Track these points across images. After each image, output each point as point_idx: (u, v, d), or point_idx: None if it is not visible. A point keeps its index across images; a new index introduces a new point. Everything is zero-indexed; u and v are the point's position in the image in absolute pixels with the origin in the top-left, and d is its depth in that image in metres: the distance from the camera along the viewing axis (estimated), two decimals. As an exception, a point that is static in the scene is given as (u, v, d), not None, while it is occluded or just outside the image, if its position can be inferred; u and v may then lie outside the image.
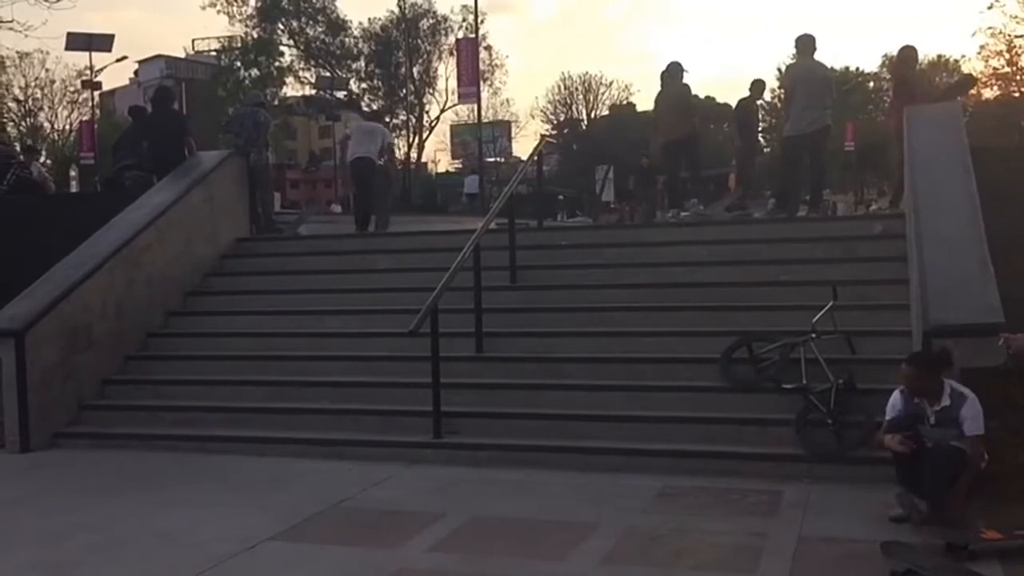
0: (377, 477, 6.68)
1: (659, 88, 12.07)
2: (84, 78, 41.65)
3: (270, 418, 7.90)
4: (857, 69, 61.10)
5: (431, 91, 60.22)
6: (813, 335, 6.84)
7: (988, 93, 38.43)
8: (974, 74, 24.83)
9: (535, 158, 10.77)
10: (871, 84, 59.38)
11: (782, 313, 7.59)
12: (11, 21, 22.15)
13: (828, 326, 6.92)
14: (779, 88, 51.81)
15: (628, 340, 7.95)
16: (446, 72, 57.69)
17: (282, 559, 5.17)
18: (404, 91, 59.41)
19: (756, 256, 8.73)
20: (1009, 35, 35.54)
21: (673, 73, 11.83)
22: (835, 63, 50.28)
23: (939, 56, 59.06)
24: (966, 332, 5.69)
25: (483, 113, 47.08)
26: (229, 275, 10.42)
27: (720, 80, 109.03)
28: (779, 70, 53.38)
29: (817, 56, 10.95)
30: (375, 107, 59.44)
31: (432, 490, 6.40)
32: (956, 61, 56.01)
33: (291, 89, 61.67)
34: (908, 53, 11.15)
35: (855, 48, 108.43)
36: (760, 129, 16.16)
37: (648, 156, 21.20)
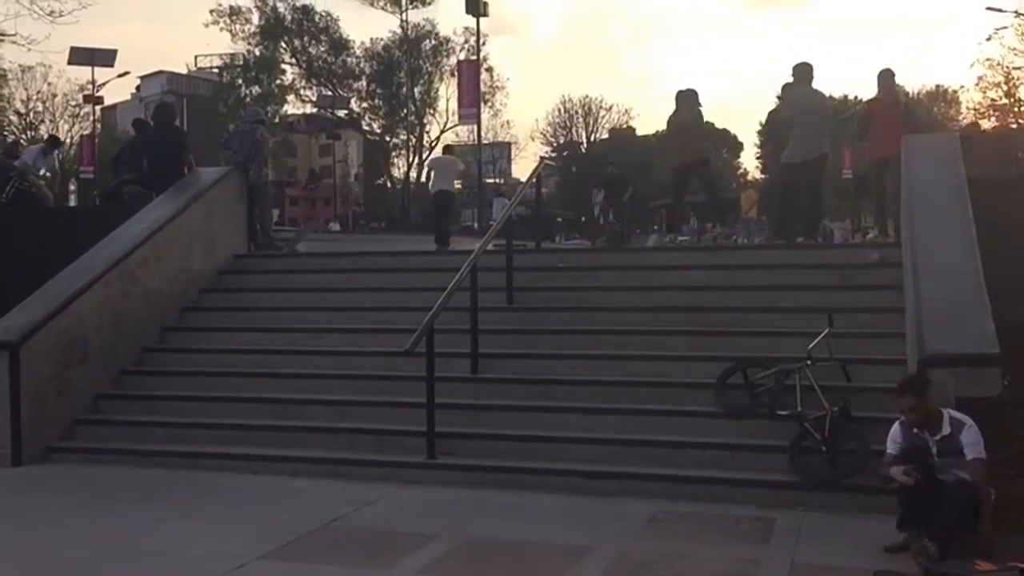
0: (370, 497, 6.66)
1: (673, 110, 11.99)
2: (86, 92, 41.85)
3: (264, 436, 7.88)
4: (855, 98, 61.43)
5: (432, 112, 60.56)
6: (808, 362, 6.83)
7: (986, 124, 38.61)
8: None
9: (534, 180, 10.81)
10: (869, 113, 59.58)
11: (778, 339, 7.60)
12: (14, 35, 22.30)
13: (824, 353, 6.92)
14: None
15: (624, 363, 7.94)
16: (447, 93, 58.08)
17: (272, 578, 5.14)
18: (405, 111, 59.69)
19: (753, 282, 8.74)
20: (1007, 67, 35.79)
21: (689, 98, 11.82)
22: (833, 92, 50.51)
23: (937, 86, 59.52)
24: (962, 361, 5.70)
25: (483, 134, 47.29)
26: (226, 291, 10.41)
27: (722, 103, 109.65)
28: (778, 98, 53.59)
29: (815, 84, 11.01)
30: (375, 127, 59.82)
31: (425, 511, 6.37)
32: (955, 92, 56.50)
33: (292, 107, 62.05)
34: (891, 75, 11.25)
35: (853, 77, 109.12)
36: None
37: (616, 165, 20.32)
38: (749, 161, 67.76)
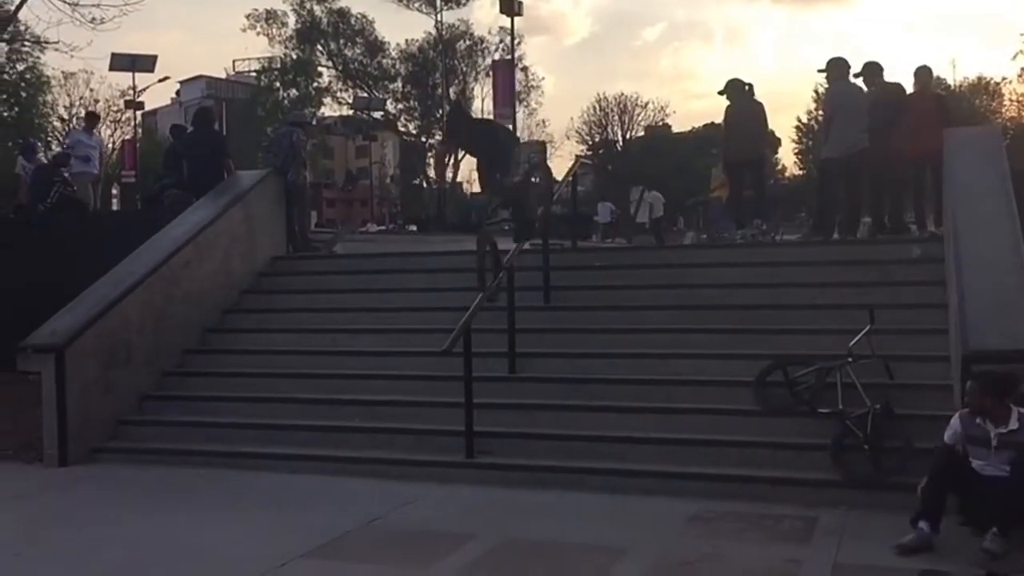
0: (409, 496, 6.68)
1: (728, 104, 11.58)
2: (127, 98, 42.37)
3: (304, 436, 7.95)
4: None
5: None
6: (850, 359, 6.75)
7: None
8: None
9: (570, 179, 10.78)
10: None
11: (818, 336, 7.52)
12: (57, 42, 22.69)
13: (865, 350, 6.83)
14: (817, 110, 51.60)
15: (662, 362, 7.91)
16: (482, 93, 58.13)
17: (313, 577, 5.18)
18: (440, 112, 59.85)
19: (791, 279, 8.66)
20: (1051, 58, 35.11)
21: (739, 89, 11.56)
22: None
23: (979, 78, 58.56)
24: (1006, 358, 5.60)
25: (518, 133, 47.21)
26: (265, 293, 10.51)
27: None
28: (816, 92, 53.14)
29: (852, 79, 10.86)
30: (411, 127, 60.04)
31: (463, 510, 6.39)
32: (997, 84, 55.56)
33: (329, 109, 62.48)
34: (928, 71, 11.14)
35: (895, 70, 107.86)
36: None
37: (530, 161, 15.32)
38: (787, 157, 67.03)
